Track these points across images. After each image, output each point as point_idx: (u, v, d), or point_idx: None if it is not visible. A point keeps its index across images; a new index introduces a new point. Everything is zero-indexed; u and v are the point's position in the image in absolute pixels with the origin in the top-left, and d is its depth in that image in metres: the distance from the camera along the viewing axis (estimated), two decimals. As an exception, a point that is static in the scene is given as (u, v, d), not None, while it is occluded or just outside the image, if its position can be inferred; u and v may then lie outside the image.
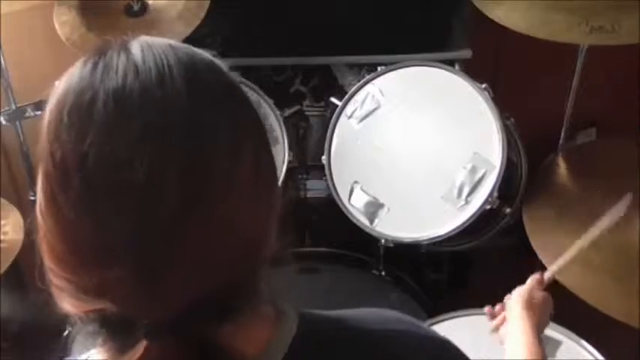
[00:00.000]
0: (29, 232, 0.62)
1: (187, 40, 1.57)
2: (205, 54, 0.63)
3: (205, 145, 0.57)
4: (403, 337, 0.71)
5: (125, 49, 0.60)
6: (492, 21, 1.62)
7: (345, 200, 1.72)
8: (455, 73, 1.73)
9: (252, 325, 0.64)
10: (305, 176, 2.08)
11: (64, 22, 1.79)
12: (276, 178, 0.66)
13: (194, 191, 0.56)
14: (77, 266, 0.58)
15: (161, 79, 0.57)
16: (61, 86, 0.62)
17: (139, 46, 0.60)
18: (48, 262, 0.60)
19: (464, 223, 1.60)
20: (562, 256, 1.30)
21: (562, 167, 1.82)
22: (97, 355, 0.63)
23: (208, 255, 0.58)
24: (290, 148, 1.80)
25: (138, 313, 0.57)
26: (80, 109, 0.58)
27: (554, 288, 1.51)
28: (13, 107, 1.83)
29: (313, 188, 2.07)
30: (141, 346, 0.57)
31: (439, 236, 1.62)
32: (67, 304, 0.60)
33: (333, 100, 1.82)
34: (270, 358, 0.64)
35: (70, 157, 0.56)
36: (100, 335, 0.60)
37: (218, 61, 0.63)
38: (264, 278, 0.64)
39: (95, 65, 0.59)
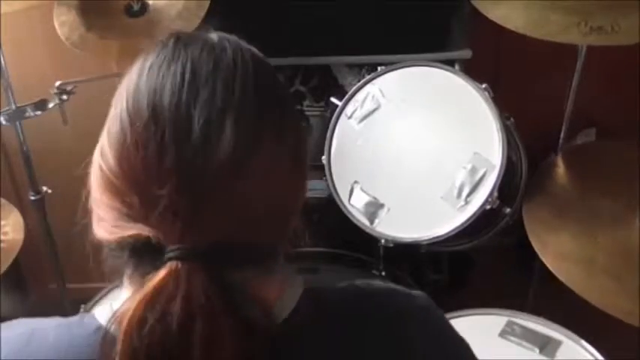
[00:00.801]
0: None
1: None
2: None
3: (262, 108, 0.70)
4: (394, 297, 0.81)
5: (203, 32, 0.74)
6: (492, 21, 1.62)
7: (345, 200, 1.72)
8: (455, 73, 1.72)
9: (265, 284, 0.72)
10: (305, 176, 2.07)
11: (64, 22, 1.79)
12: (307, 157, 0.78)
13: (246, 143, 0.67)
14: (128, 192, 0.67)
15: (234, 53, 0.71)
16: (141, 57, 0.73)
17: (215, 32, 0.74)
18: (98, 195, 0.70)
19: (464, 223, 1.60)
20: None
21: (562, 167, 1.82)
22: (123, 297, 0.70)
23: (245, 201, 0.67)
24: (290, 148, 1.79)
25: (170, 237, 0.65)
26: (160, 67, 0.69)
27: (555, 287, 1.52)
28: (13, 107, 1.83)
29: (313, 188, 2.07)
30: (163, 271, 0.64)
31: (439, 236, 1.62)
32: (105, 232, 0.69)
33: (333, 100, 1.82)
34: (279, 313, 0.71)
35: (143, 103, 0.68)
36: (130, 261, 0.68)
37: None
38: (284, 245, 0.75)
39: (177, 41, 0.72)
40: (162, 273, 0.64)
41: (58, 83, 1.82)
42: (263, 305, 0.68)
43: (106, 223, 0.69)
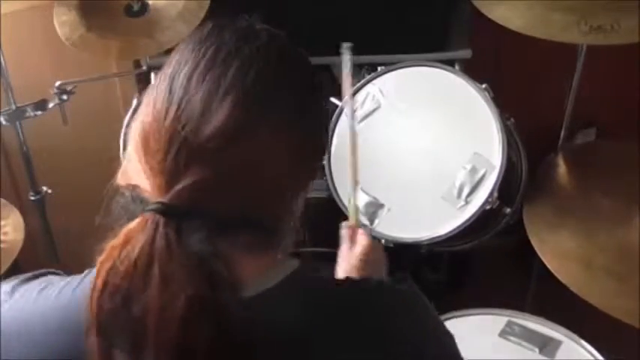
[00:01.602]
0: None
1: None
2: None
3: (272, 101, 0.75)
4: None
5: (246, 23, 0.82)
6: (492, 21, 1.62)
7: (345, 200, 1.72)
8: (455, 73, 1.72)
9: (240, 257, 0.75)
10: (305, 176, 2.07)
11: (64, 22, 1.79)
12: (313, 160, 0.86)
13: (239, 126, 0.72)
14: (142, 148, 0.74)
15: (264, 44, 0.79)
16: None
17: (260, 24, 0.83)
18: (129, 151, 0.78)
19: (464, 223, 1.60)
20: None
21: (562, 167, 1.82)
22: None
23: (228, 177, 0.72)
24: (290, 148, 1.79)
25: (155, 191, 0.73)
26: (190, 46, 0.77)
27: (555, 287, 1.52)
28: (13, 107, 1.83)
29: (313, 188, 2.07)
30: (137, 219, 0.71)
31: (439, 236, 1.62)
32: (122, 180, 0.78)
33: (333, 100, 1.82)
34: (252, 285, 0.74)
35: (167, 74, 0.76)
36: (130, 204, 0.77)
37: None
38: (289, 232, 0.82)
39: (213, 25, 0.80)
40: (136, 220, 0.71)
41: (58, 83, 1.82)
42: (230, 271, 0.71)
43: (126, 173, 0.78)
